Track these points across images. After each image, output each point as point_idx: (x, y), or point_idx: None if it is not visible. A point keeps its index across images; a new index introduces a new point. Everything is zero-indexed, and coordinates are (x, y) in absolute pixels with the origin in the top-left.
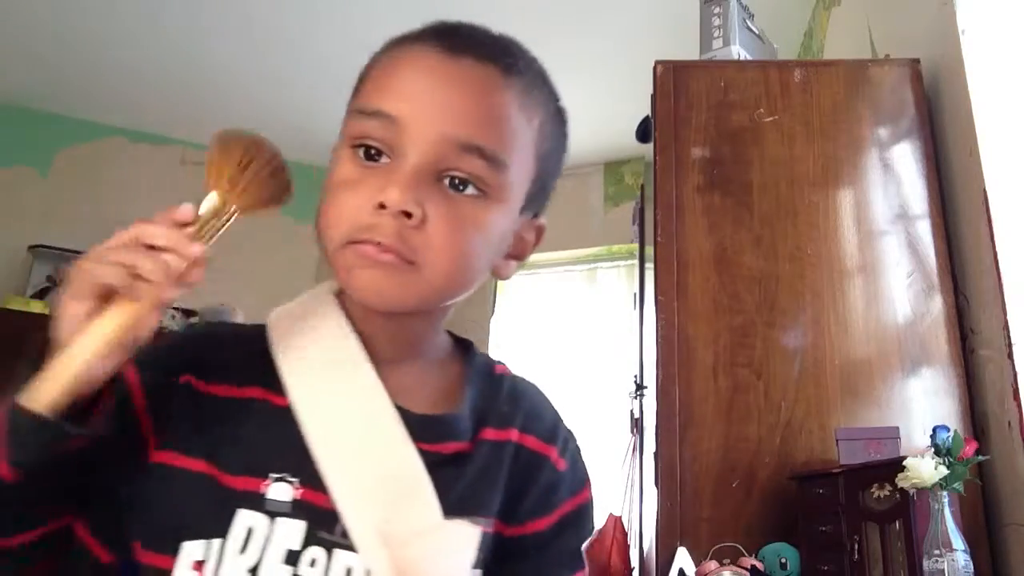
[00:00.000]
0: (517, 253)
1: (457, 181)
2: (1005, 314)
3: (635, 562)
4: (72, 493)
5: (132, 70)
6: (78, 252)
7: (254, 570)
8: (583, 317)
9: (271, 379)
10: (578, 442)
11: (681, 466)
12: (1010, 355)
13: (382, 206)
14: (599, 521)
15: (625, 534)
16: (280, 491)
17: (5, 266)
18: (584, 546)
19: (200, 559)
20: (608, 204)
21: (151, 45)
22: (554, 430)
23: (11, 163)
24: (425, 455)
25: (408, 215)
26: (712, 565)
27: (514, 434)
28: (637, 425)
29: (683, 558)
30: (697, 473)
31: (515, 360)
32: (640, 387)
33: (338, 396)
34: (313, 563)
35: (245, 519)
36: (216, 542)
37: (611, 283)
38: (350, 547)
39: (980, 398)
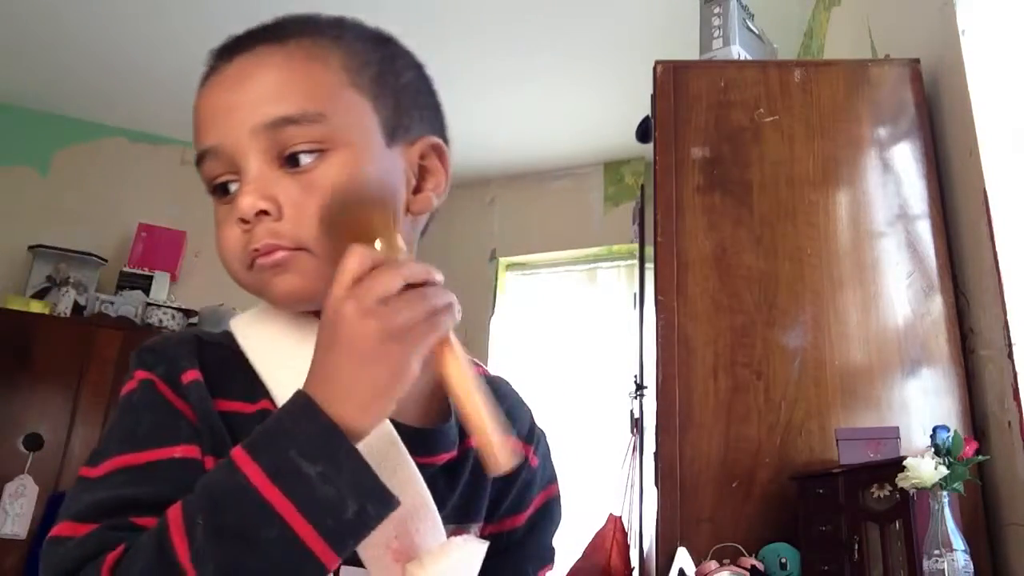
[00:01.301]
0: (430, 183)
1: (296, 156)
2: (1005, 314)
3: (635, 562)
4: None
5: (132, 70)
6: (78, 252)
7: None
8: (583, 317)
9: (266, 392)
10: (547, 437)
11: (681, 466)
12: (1010, 355)
13: (244, 221)
14: (599, 521)
15: (625, 534)
16: None
17: (5, 266)
18: (584, 547)
19: None
20: (608, 204)
21: (151, 45)
22: (531, 429)
23: (11, 163)
24: (421, 468)
25: (266, 212)
26: (712, 565)
27: None
28: (637, 425)
29: (683, 558)
30: (697, 473)
31: (515, 360)
32: (640, 387)
33: None
34: None
35: None
36: None
37: (611, 283)
38: (357, 563)
39: (980, 398)
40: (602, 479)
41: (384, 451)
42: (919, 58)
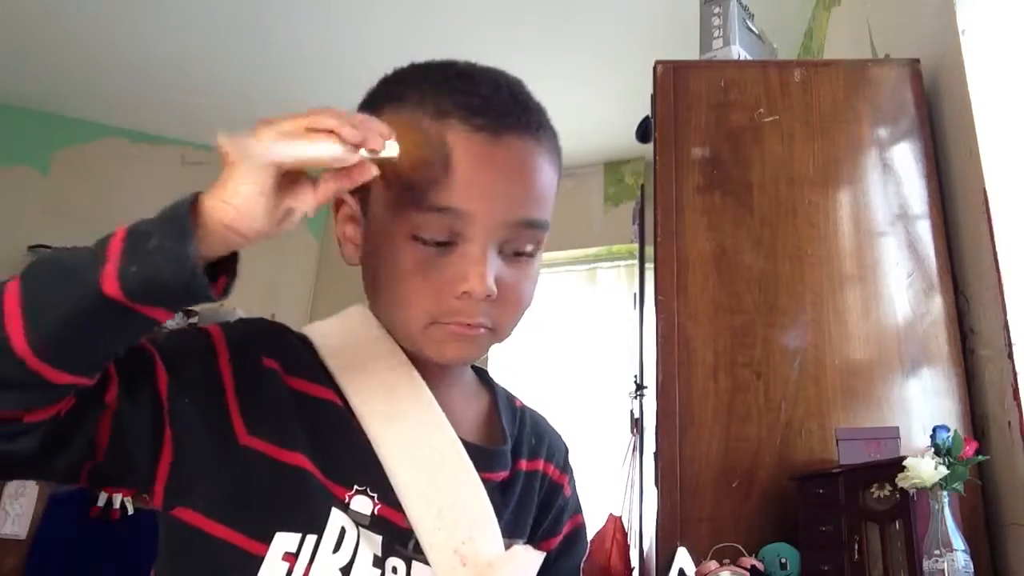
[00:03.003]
0: None
1: (516, 247)
2: (1005, 314)
3: (635, 562)
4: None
5: (132, 70)
6: None
7: (345, 569)
8: (583, 317)
9: (337, 388)
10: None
11: (681, 466)
12: (1010, 355)
13: (467, 293)
14: (599, 521)
15: (625, 534)
16: (362, 504)
17: (5, 266)
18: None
19: (292, 551)
20: (608, 204)
21: (151, 45)
22: (567, 461)
23: (11, 163)
24: (483, 483)
25: (490, 297)
26: (712, 565)
27: (541, 464)
28: (637, 425)
29: (683, 558)
30: (697, 473)
31: (515, 360)
32: (640, 387)
33: (409, 425)
34: (395, 570)
35: (338, 519)
36: (311, 538)
37: (611, 283)
38: (425, 562)
39: (980, 398)
40: (602, 479)
41: (452, 459)
42: (919, 58)
